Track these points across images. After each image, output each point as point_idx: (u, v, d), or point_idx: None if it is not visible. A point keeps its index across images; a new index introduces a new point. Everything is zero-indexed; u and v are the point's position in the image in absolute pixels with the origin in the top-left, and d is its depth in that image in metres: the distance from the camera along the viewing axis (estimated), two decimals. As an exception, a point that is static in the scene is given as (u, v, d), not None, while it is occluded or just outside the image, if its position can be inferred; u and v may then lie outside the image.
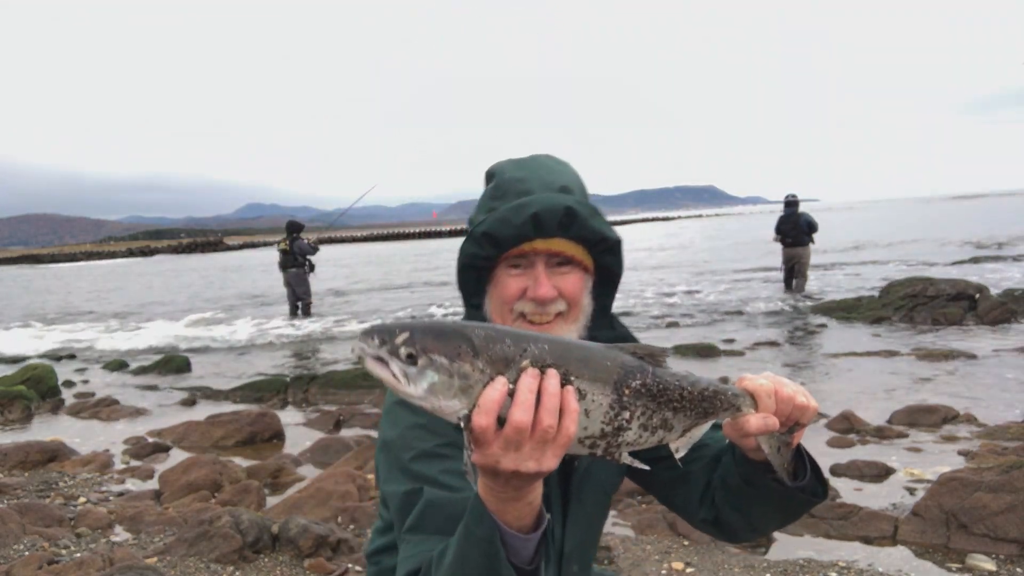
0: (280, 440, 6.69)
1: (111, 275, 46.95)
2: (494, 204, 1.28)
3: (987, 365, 7.74)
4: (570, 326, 1.31)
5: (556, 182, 1.29)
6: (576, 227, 1.25)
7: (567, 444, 0.94)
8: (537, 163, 1.34)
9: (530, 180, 1.28)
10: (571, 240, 1.27)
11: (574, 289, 1.29)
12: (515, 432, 0.91)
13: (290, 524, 4.01)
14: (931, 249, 24.35)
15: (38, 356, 12.59)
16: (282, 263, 14.28)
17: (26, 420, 8.02)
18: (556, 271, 1.28)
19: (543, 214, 1.22)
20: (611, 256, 1.33)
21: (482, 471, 0.96)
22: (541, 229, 1.23)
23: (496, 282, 1.30)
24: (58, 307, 23.76)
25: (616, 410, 1.00)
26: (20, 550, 3.94)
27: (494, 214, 1.25)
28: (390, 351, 0.94)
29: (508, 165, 1.34)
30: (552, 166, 1.34)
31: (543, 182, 1.28)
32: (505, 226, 1.23)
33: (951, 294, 11.20)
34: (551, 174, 1.31)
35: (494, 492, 1.01)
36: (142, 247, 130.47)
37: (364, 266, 37.73)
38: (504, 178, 1.31)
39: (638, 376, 1.02)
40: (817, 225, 13.78)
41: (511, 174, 1.31)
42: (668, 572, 3.60)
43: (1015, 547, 3.53)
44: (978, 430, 5.62)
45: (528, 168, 1.32)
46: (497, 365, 0.95)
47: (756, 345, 9.77)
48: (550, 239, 1.25)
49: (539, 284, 1.25)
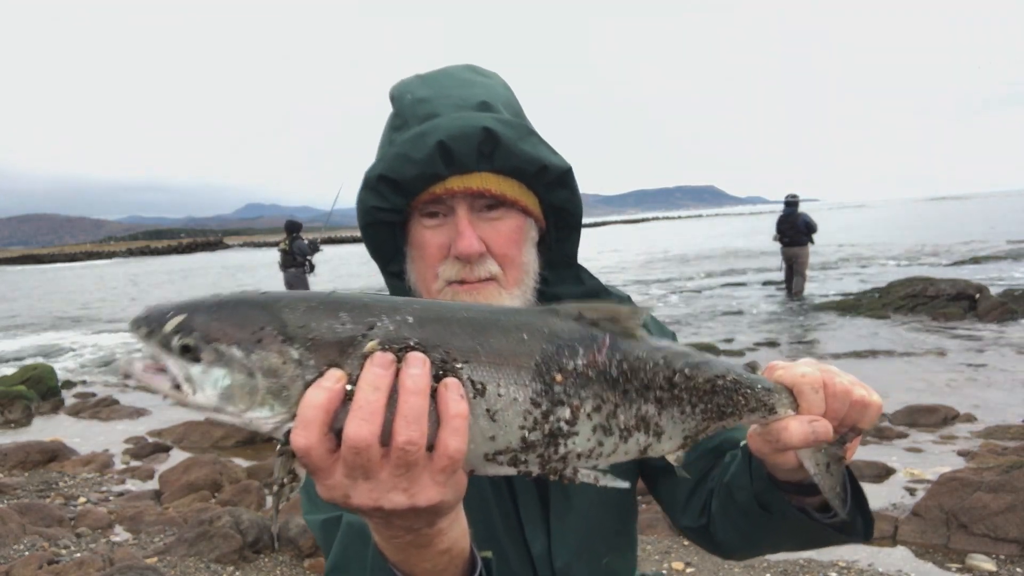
0: (280, 440, 6.69)
1: (114, 275, 46.95)
2: (394, 137, 0.98)
3: (987, 365, 7.74)
4: (509, 292, 0.97)
5: (472, 97, 0.96)
6: (502, 155, 0.93)
7: (453, 465, 0.64)
8: (450, 77, 1.01)
9: (436, 99, 0.96)
10: (498, 173, 0.95)
11: (507, 240, 0.96)
12: (353, 454, 0.61)
13: (290, 524, 4.01)
14: (931, 249, 24.36)
15: (37, 356, 12.58)
16: (282, 263, 14.28)
17: (26, 420, 8.02)
18: (483, 216, 0.96)
19: (453, 141, 0.90)
20: (562, 190, 1.01)
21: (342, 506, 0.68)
22: (453, 162, 0.92)
23: (413, 239, 1.00)
24: (61, 308, 23.76)
25: (544, 407, 0.67)
26: (20, 550, 3.94)
27: (391, 150, 0.95)
28: (161, 343, 0.65)
29: (413, 83, 1.01)
30: (468, 78, 1.01)
31: (454, 100, 0.96)
32: (405, 163, 0.92)
33: (951, 294, 11.20)
34: (465, 88, 0.98)
35: (384, 537, 0.74)
36: (142, 247, 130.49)
37: (361, 265, 37.71)
38: (404, 102, 0.98)
39: (580, 352, 0.69)
40: (816, 226, 13.78)
41: (414, 94, 0.98)
42: (668, 572, 3.61)
43: (1015, 547, 3.53)
44: (978, 430, 5.62)
45: (435, 84, 0.99)
46: (325, 352, 0.63)
47: (756, 345, 9.77)
48: (468, 174, 0.94)
49: (460, 235, 0.94)
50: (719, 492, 1.06)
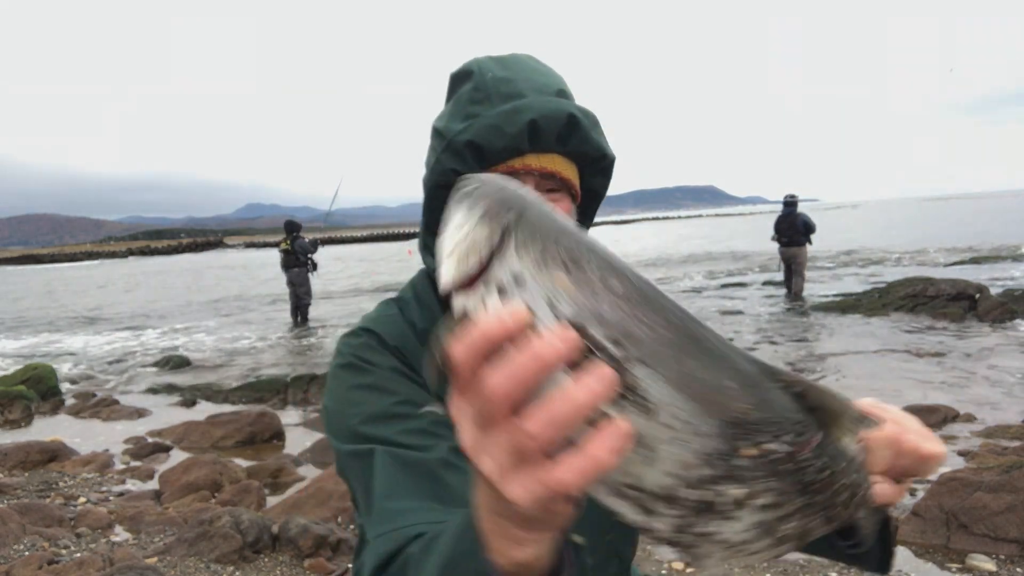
0: (280, 440, 6.69)
1: (114, 275, 46.97)
2: (475, 109, 1.01)
3: (987, 365, 7.74)
4: None
5: (551, 84, 1.04)
6: (576, 140, 1.02)
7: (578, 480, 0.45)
8: (523, 63, 1.07)
9: (519, 82, 1.02)
10: (567, 157, 1.04)
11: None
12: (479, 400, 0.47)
13: (290, 524, 4.02)
14: (931, 248, 24.36)
15: (39, 355, 12.59)
16: (284, 263, 14.29)
17: (26, 420, 8.02)
18: (546, 196, 1.00)
19: (543, 122, 0.97)
20: (603, 177, 1.10)
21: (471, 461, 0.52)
22: (538, 141, 0.99)
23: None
24: (61, 308, 23.77)
25: (715, 471, 0.50)
26: (20, 550, 3.94)
27: (482, 120, 0.99)
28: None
29: (488, 63, 1.06)
30: (542, 68, 1.08)
31: (536, 85, 1.03)
32: (497, 135, 0.97)
33: (951, 294, 11.20)
34: (543, 76, 1.05)
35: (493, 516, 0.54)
36: (142, 247, 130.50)
37: (359, 264, 37.75)
38: (486, 78, 1.03)
39: (786, 437, 0.53)
40: (814, 226, 13.77)
41: (495, 73, 1.03)
42: (668, 572, 3.60)
43: (1015, 547, 3.53)
44: (978, 430, 5.62)
45: (514, 68, 1.05)
46: (537, 271, 0.50)
47: (755, 344, 9.77)
48: (545, 154, 1.01)
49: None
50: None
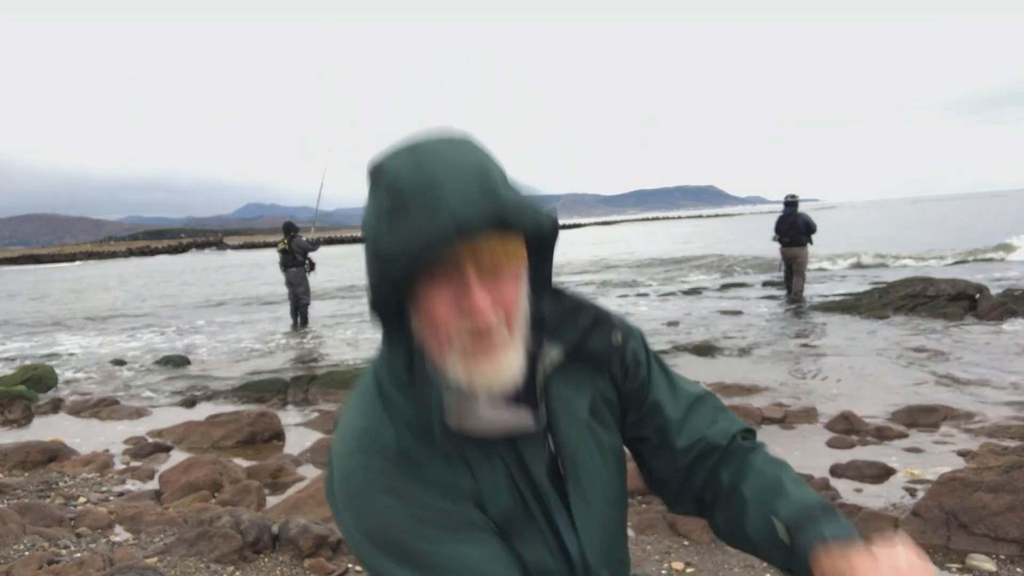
0: (280, 440, 6.69)
1: (114, 275, 46.96)
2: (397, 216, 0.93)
3: (987, 365, 7.74)
4: (512, 340, 1.00)
5: (470, 173, 0.94)
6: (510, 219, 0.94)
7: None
8: (437, 153, 0.96)
9: (437, 182, 0.92)
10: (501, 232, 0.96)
11: (510, 296, 0.99)
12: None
13: (290, 524, 4.01)
14: (931, 249, 24.36)
15: (38, 356, 12.59)
16: (282, 263, 14.30)
17: (26, 420, 8.02)
18: (489, 277, 0.97)
19: (466, 220, 0.90)
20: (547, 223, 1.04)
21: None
22: (466, 234, 0.92)
23: (421, 301, 0.98)
24: (61, 308, 23.77)
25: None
26: (20, 550, 3.94)
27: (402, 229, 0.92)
28: None
29: (401, 162, 0.95)
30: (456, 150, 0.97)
31: (454, 177, 0.92)
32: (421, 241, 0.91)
33: (951, 294, 11.20)
34: (460, 163, 0.95)
35: None
36: (142, 247, 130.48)
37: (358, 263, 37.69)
38: (401, 185, 0.93)
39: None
40: (815, 226, 13.77)
41: (409, 177, 0.93)
42: (668, 572, 3.60)
43: (1015, 547, 3.53)
44: (978, 430, 5.62)
45: (428, 164, 0.94)
46: None
47: (755, 344, 9.77)
48: (475, 239, 0.93)
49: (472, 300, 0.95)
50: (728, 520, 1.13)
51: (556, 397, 1.08)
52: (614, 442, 1.17)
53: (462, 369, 0.98)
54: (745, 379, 7.82)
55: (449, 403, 0.99)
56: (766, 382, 7.65)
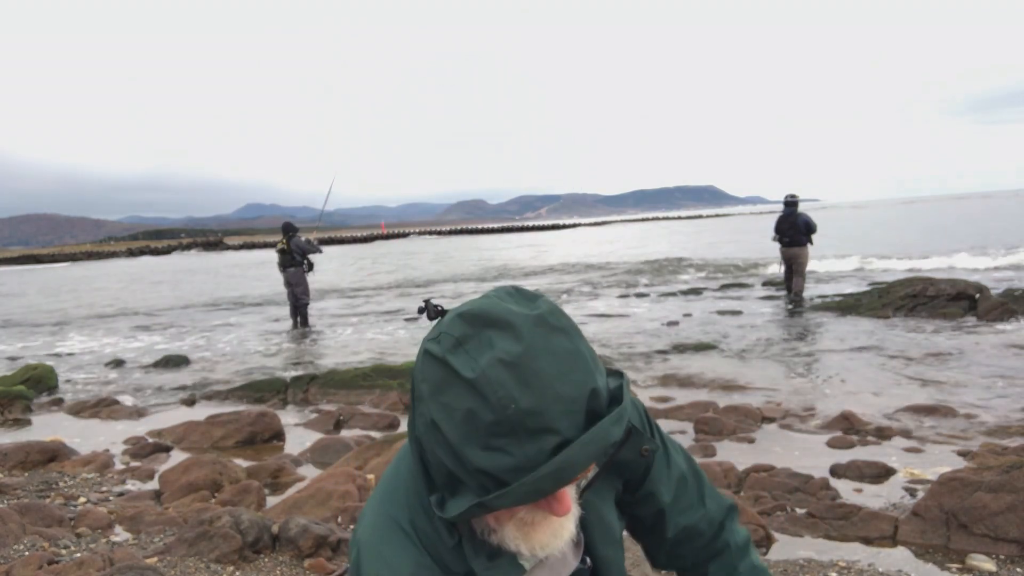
0: (280, 440, 6.69)
1: (114, 275, 46.96)
2: (497, 444, 0.83)
3: (987, 365, 7.74)
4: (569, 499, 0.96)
5: (579, 395, 0.85)
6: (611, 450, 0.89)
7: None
8: (540, 367, 0.84)
9: (547, 409, 0.82)
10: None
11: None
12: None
13: (290, 524, 4.01)
14: (931, 248, 24.35)
15: (38, 356, 12.59)
16: (281, 263, 14.30)
17: (26, 420, 8.02)
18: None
19: (582, 467, 0.84)
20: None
21: None
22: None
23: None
24: (61, 307, 23.76)
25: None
26: (20, 550, 3.94)
27: (520, 489, 0.82)
28: None
29: (501, 380, 0.82)
30: (559, 360, 0.85)
31: (563, 404, 0.83)
32: (538, 495, 0.84)
33: (951, 294, 11.20)
34: (566, 380, 0.84)
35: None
36: (142, 247, 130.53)
37: (360, 262, 37.79)
38: (508, 412, 0.82)
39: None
40: (815, 226, 13.76)
41: (519, 403, 0.82)
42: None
43: (1015, 547, 3.53)
44: (978, 430, 5.62)
45: (533, 383, 0.83)
46: None
47: (755, 344, 9.77)
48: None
49: (560, 503, 0.91)
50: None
51: (591, 513, 1.08)
52: (622, 527, 1.20)
53: (520, 538, 0.94)
54: (745, 379, 7.82)
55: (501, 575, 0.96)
56: (766, 382, 7.66)
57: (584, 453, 0.82)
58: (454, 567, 0.96)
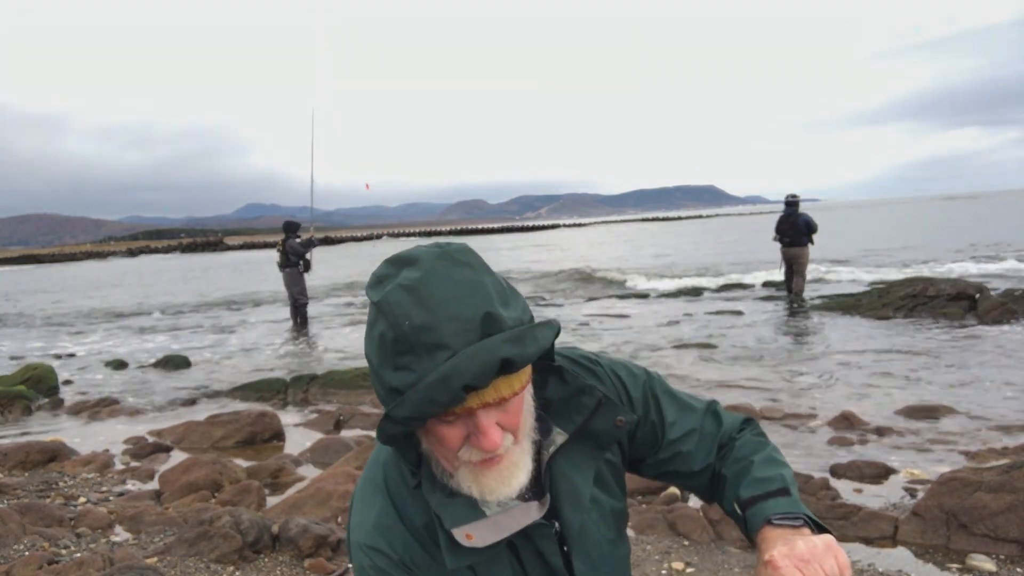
0: (280, 440, 6.69)
1: (114, 275, 46.95)
2: (403, 361, 0.93)
3: (987, 365, 7.74)
4: (521, 448, 1.05)
5: (472, 315, 0.93)
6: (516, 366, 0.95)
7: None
8: (437, 291, 0.94)
9: (440, 325, 0.92)
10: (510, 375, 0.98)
11: (518, 418, 1.03)
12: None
13: (290, 524, 4.01)
14: (931, 248, 24.35)
15: (39, 356, 12.59)
16: (280, 263, 14.32)
17: (26, 420, 8.02)
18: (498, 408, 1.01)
19: (476, 380, 0.91)
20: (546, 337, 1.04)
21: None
22: (476, 391, 0.95)
23: (430, 431, 1.02)
24: (61, 307, 23.76)
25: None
26: (20, 550, 3.94)
27: (412, 396, 0.92)
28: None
29: (401, 301, 0.94)
30: (456, 281, 0.96)
31: (457, 324, 0.92)
32: (433, 406, 0.92)
33: (951, 294, 11.20)
34: (461, 301, 0.94)
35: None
36: (142, 247, 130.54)
37: (358, 262, 37.78)
38: (403, 328, 0.92)
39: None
40: (816, 226, 13.75)
41: (412, 319, 0.92)
42: (668, 572, 3.60)
43: (1015, 547, 3.53)
44: (978, 430, 5.62)
45: (429, 304, 0.93)
46: None
47: (755, 344, 9.77)
48: (484, 390, 0.96)
49: (483, 436, 0.98)
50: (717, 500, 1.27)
51: (560, 478, 1.12)
52: (616, 505, 1.23)
53: (473, 482, 1.03)
54: (745, 379, 7.82)
55: (457, 514, 1.03)
56: (766, 382, 7.65)
57: (470, 364, 0.90)
58: (416, 518, 1.07)
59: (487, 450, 0.99)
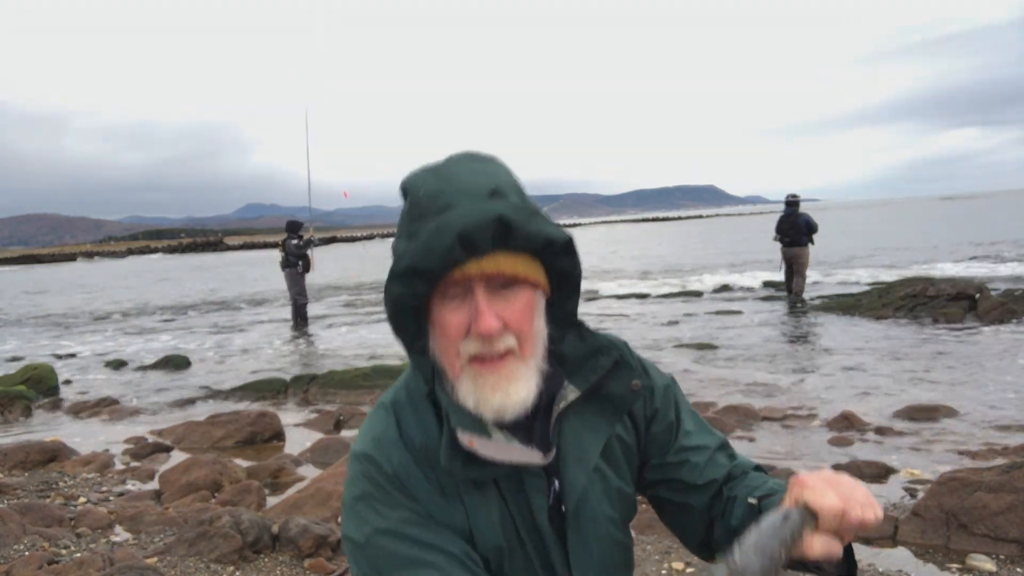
0: (280, 440, 6.69)
1: (114, 275, 46.95)
2: (414, 227, 1.03)
3: (987, 365, 7.74)
4: (525, 366, 1.06)
5: (481, 186, 1.03)
6: (515, 237, 1.01)
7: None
8: (455, 168, 1.07)
9: (449, 191, 1.02)
10: (512, 253, 1.03)
11: (522, 316, 1.04)
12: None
13: (290, 524, 4.01)
14: (932, 249, 24.35)
15: (39, 356, 12.59)
16: (281, 263, 14.34)
17: (26, 420, 8.02)
18: (500, 295, 1.04)
19: (471, 231, 0.98)
20: (566, 258, 1.10)
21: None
22: (473, 248, 1.00)
23: (436, 320, 1.06)
24: (61, 307, 23.77)
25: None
26: (20, 550, 3.94)
27: (415, 243, 1.01)
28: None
29: (422, 176, 1.07)
30: (474, 167, 1.07)
31: (465, 189, 1.02)
32: (429, 256, 0.99)
33: (951, 294, 11.20)
34: (474, 177, 1.05)
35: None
36: (142, 247, 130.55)
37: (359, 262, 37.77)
38: (419, 195, 1.04)
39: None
40: (816, 226, 13.76)
41: (427, 187, 1.04)
42: (668, 572, 3.60)
43: (1015, 547, 3.53)
44: (978, 430, 5.62)
45: (445, 176, 1.05)
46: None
47: (755, 344, 9.78)
48: (485, 257, 1.01)
49: (480, 316, 1.01)
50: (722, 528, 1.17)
51: (569, 436, 1.11)
52: (624, 487, 1.19)
53: (472, 389, 1.03)
54: (745, 379, 7.82)
55: (464, 419, 1.02)
56: (766, 382, 7.65)
57: (466, 213, 0.98)
58: (417, 438, 1.08)
59: (484, 333, 1.00)
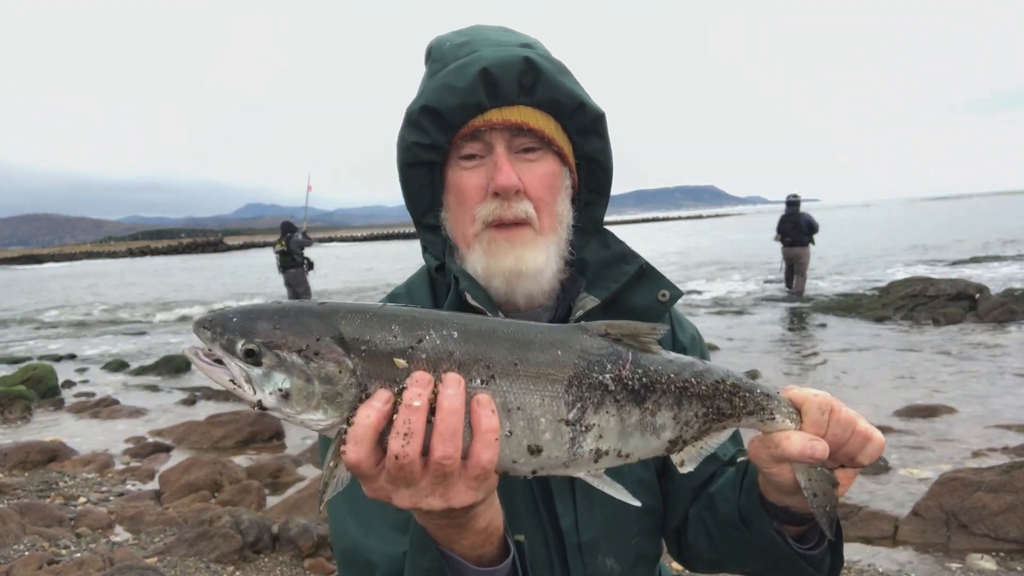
0: (280, 440, 6.69)
1: (114, 275, 46.95)
2: (437, 78, 0.97)
3: (987, 365, 7.74)
4: (544, 237, 0.98)
5: (512, 39, 0.97)
6: (542, 87, 0.93)
7: (485, 474, 0.71)
8: (484, 27, 1.01)
9: (477, 41, 0.96)
10: (537, 108, 0.95)
11: (542, 183, 0.96)
12: (396, 467, 0.69)
13: (290, 524, 4.01)
14: (931, 249, 24.35)
15: (39, 356, 12.58)
16: (280, 264, 14.28)
17: (26, 420, 8.02)
18: (521, 157, 0.96)
19: (496, 70, 0.89)
20: (596, 138, 1.01)
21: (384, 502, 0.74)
22: (495, 92, 0.91)
23: (450, 185, 0.99)
24: (61, 308, 23.76)
25: (573, 416, 0.74)
26: (20, 550, 3.94)
27: (431, 84, 0.94)
28: (225, 346, 0.70)
29: (448, 35, 1.02)
30: (505, 29, 1.02)
31: (495, 40, 0.96)
32: (448, 93, 0.91)
33: (951, 294, 11.19)
34: (504, 34, 0.99)
35: (424, 521, 0.81)
36: (142, 247, 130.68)
37: (359, 261, 37.77)
38: (444, 47, 0.97)
39: (608, 367, 0.76)
40: (817, 226, 13.76)
41: (452, 40, 0.98)
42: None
43: (1015, 547, 3.53)
44: (978, 429, 5.62)
45: (473, 31, 0.99)
46: (377, 364, 0.70)
47: (755, 343, 9.77)
48: (508, 107, 0.93)
49: (498, 170, 0.93)
50: (701, 499, 1.09)
51: None
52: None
53: (483, 255, 0.97)
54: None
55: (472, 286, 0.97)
56: (766, 382, 7.65)
57: (491, 52, 0.92)
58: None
59: (501, 186, 0.93)
